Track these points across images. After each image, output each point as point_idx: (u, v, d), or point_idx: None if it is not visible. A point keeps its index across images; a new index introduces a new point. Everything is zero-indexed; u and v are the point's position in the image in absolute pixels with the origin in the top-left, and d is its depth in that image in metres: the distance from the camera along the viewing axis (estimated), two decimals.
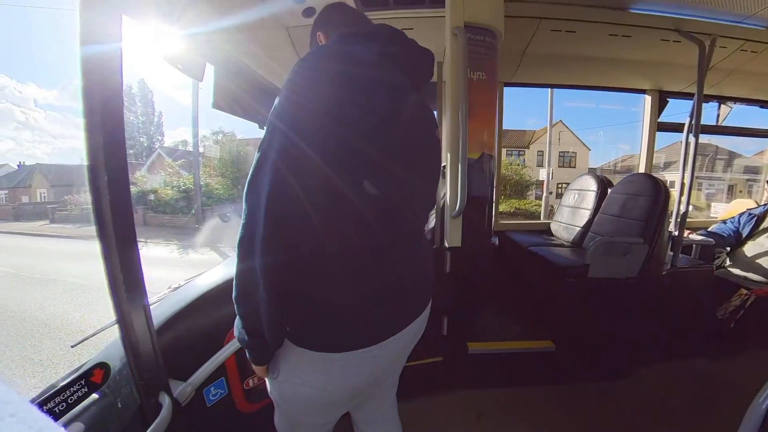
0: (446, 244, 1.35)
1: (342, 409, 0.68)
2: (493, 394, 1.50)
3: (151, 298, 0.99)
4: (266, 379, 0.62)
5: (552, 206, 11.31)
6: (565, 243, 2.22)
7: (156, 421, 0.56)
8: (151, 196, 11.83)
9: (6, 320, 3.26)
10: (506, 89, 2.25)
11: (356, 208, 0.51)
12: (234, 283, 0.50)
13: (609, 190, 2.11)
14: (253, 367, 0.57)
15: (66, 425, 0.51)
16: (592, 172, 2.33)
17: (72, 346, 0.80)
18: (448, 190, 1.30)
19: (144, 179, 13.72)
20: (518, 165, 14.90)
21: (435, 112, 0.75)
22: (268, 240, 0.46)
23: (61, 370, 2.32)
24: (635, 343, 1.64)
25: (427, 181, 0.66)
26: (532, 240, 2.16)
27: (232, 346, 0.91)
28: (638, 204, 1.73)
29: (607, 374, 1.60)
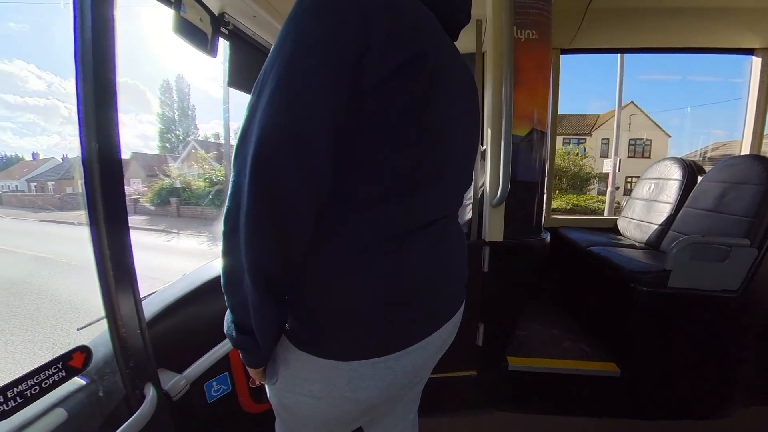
0: (485, 238, 1.24)
1: (350, 425, 0.61)
2: (535, 421, 1.37)
3: (156, 288, 1.02)
4: (264, 384, 0.58)
5: (618, 203, 10.37)
6: (636, 243, 1.97)
7: (136, 413, 0.55)
8: (184, 187, 12.85)
9: (44, 303, 3.73)
10: (563, 58, 2.03)
11: (371, 176, 0.44)
12: (221, 268, 0.45)
13: (699, 178, 1.82)
14: (249, 370, 0.53)
15: (48, 410, 0.52)
16: (674, 157, 2.03)
17: (78, 329, 0.84)
18: (488, 174, 1.18)
19: (178, 171, 14.95)
20: (577, 154, 13.82)
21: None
22: (254, 214, 0.39)
23: None
24: (733, 377, 1.39)
25: (464, 150, 0.58)
26: (593, 239, 1.94)
27: None
28: (742, 195, 1.45)
29: (689, 412, 1.38)
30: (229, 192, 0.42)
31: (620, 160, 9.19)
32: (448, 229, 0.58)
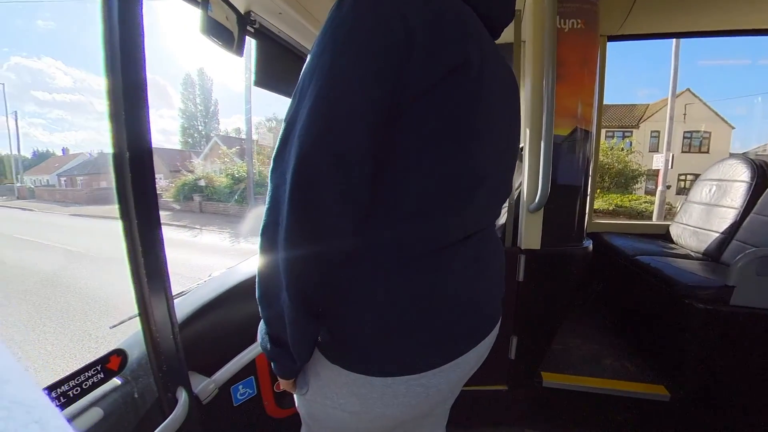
0: (520, 245, 1.21)
1: None
2: None
3: (189, 287, 1.08)
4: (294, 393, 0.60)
5: (669, 204, 9.75)
6: (692, 253, 1.85)
7: (169, 418, 0.58)
8: (206, 184, 13.41)
9: (72, 296, 4.03)
10: (610, 45, 1.93)
11: (412, 186, 0.45)
12: (257, 280, 0.47)
13: None
14: (279, 380, 0.55)
15: (86, 409, 0.56)
16: (740, 155, 1.88)
17: (111, 327, 0.90)
18: (526, 177, 1.15)
19: (201, 167, 15.63)
20: (622, 149, 13.12)
21: None
22: (293, 229, 0.40)
23: (113, 347, 2.73)
24: None
25: (504, 157, 0.58)
26: (641, 246, 1.85)
27: None
28: None
29: None
30: (266, 206, 0.43)
31: (673, 155, 8.64)
32: (486, 242, 0.58)
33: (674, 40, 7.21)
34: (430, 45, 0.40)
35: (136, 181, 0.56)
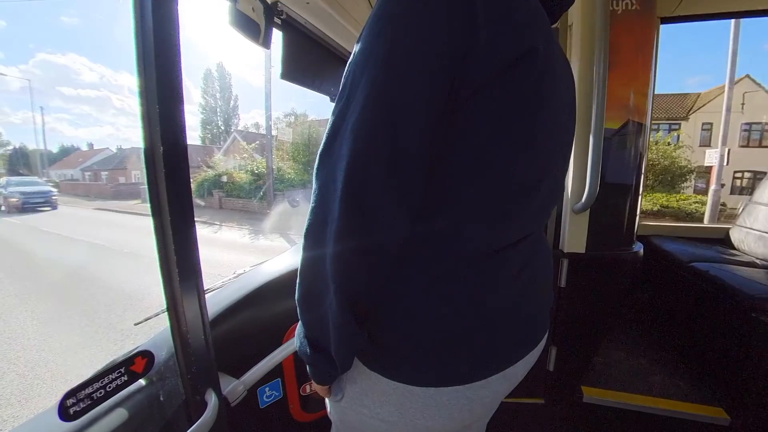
0: (563, 249, 1.16)
1: None
2: None
3: (214, 284, 1.11)
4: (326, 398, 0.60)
5: (724, 205, 9.16)
6: (757, 261, 1.73)
7: (198, 421, 0.59)
8: (226, 179, 13.83)
9: (97, 289, 4.24)
10: (663, 28, 1.82)
11: (466, 186, 0.44)
12: (298, 281, 0.47)
13: None
14: (314, 385, 0.55)
15: (109, 410, 0.58)
16: None
17: (135, 324, 0.93)
18: (571, 174, 1.11)
19: (221, 163, 16.13)
20: (668, 144, 12.44)
21: None
22: (345, 228, 0.39)
23: (137, 341, 2.89)
24: None
25: (562, 155, 0.56)
26: (697, 252, 1.74)
27: (291, 345, 0.94)
28: None
29: None
30: (312, 204, 0.42)
31: (729, 150, 8.10)
32: (536, 247, 0.56)
33: (733, 20, 6.75)
34: (494, 32, 0.38)
35: (170, 178, 0.57)
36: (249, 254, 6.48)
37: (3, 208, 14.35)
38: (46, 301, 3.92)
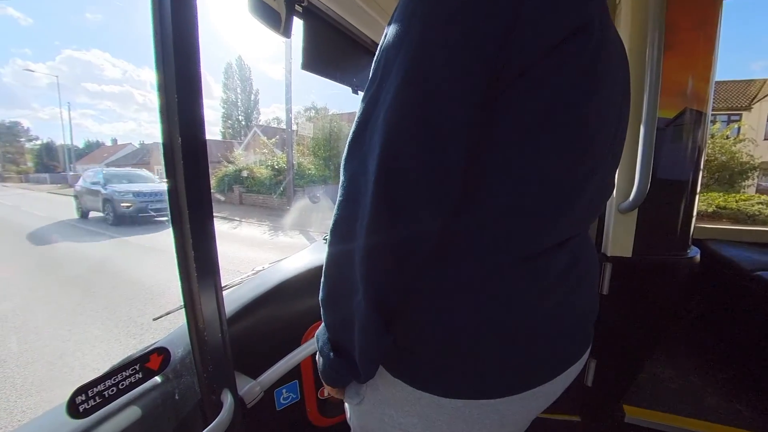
0: (606, 252, 1.10)
1: None
2: None
3: (233, 280, 1.13)
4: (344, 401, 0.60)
5: None
6: None
7: (214, 422, 0.60)
8: (246, 175, 14.24)
9: (119, 283, 4.48)
10: (726, 4, 1.69)
11: (508, 181, 0.41)
12: (322, 280, 0.46)
13: None
14: (326, 387, 0.55)
15: (123, 407, 0.59)
16: None
17: (154, 320, 0.96)
18: (617, 169, 1.05)
19: (241, 158, 16.62)
20: (726, 137, 11.68)
21: None
22: (377, 224, 0.38)
23: (157, 335, 3.02)
24: None
25: (614, 147, 0.52)
26: (762, 260, 1.61)
27: (310, 346, 0.94)
28: None
29: None
30: (339, 198, 0.41)
31: None
32: (582, 251, 0.52)
33: None
34: (540, 4, 0.35)
35: (188, 171, 0.58)
36: (269, 251, 6.64)
37: (108, 215, 9.27)
38: (69, 293, 4.18)
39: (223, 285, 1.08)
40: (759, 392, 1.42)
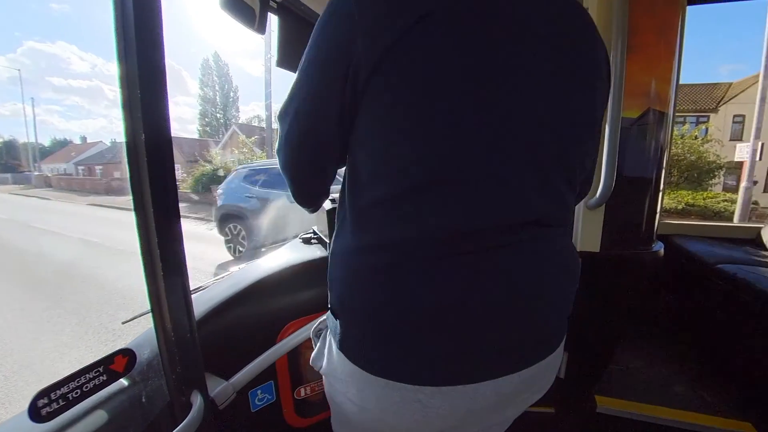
0: (576, 247, 1.15)
1: None
2: None
3: (206, 282, 1.11)
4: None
5: (756, 203, 8.99)
6: None
7: (182, 424, 0.59)
8: (224, 174, 13.93)
9: (90, 286, 4.31)
10: (690, 9, 1.78)
11: (390, 171, 0.47)
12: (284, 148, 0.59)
13: None
14: (309, 387, 0.60)
15: (88, 412, 0.58)
16: None
17: (123, 323, 0.94)
18: None
19: (219, 157, 16.25)
20: (695, 138, 12.25)
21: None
22: (281, 158, 0.58)
23: (129, 341, 2.91)
24: None
25: (541, 127, 0.48)
26: (724, 253, 1.71)
27: (285, 345, 0.94)
28: None
29: None
30: (278, 143, 0.58)
31: (762, 144, 7.94)
32: (520, 244, 0.49)
33: None
34: (371, 13, 0.42)
35: (153, 170, 0.57)
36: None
37: None
38: (35, 299, 3.99)
39: (198, 286, 1.06)
40: (721, 379, 1.50)
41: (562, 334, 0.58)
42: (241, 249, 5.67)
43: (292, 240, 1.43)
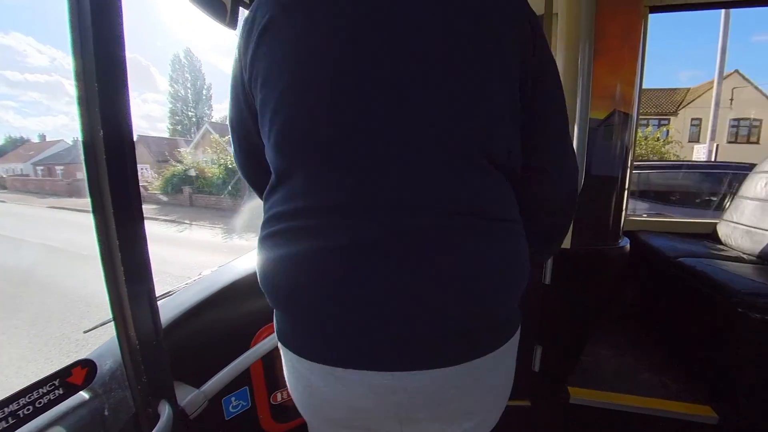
0: None
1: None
2: None
3: (176, 287, 1.07)
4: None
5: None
6: (744, 256, 1.80)
7: None
8: (197, 174, 13.52)
9: (50, 294, 4.09)
10: (652, 18, 1.87)
11: (268, 158, 0.53)
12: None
13: None
14: (287, 392, 0.59)
15: (45, 429, 0.54)
16: None
17: (85, 332, 0.89)
18: None
19: (191, 157, 15.74)
20: (658, 139, 12.92)
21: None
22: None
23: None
24: None
25: (386, 98, 0.44)
26: (684, 247, 1.80)
27: (259, 349, 0.92)
28: None
29: None
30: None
31: (717, 145, 8.46)
32: (423, 243, 0.44)
33: (723, 11, 7.03)
34: (240, 43, 0.52)
35: (113, 169, 0.55)
36: (222, 255, 6.36)
37: None
38: None
39: (167, 291, 1.02)
40: (683, 366, 1.58)
41: (467, 349, 0.48)
42: None
43: None
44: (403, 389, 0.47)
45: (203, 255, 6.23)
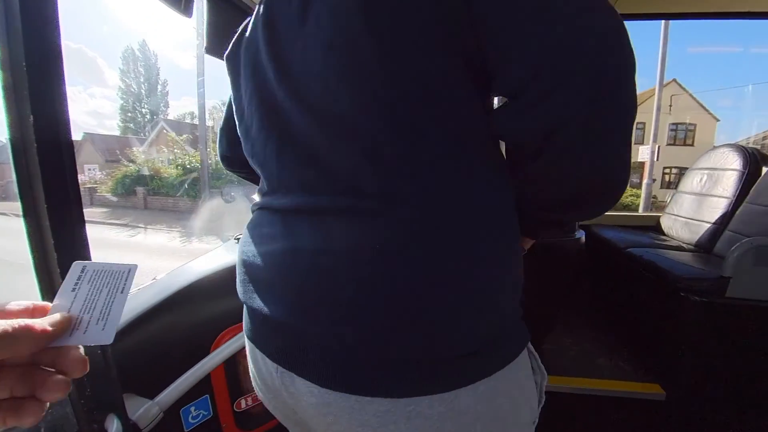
0: None
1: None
2: None
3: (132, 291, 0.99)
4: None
5: (655, 197, 10.36)
6: (684, 245, 1.96)
7: None
8: (151, 175, 12.79)
9: None
10: None
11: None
12: None
13: (765, 170, 1.79)
14: (254, 397, 0.56)
15: None
16: (733, 144, 2.01)
17: None
18: None
19: (145, 156, 14.87)
20: None
21: None
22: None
23: None
24: None
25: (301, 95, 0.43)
26: (632, 238, 1.93)
27: (220, 354, 0.88)
28: None
29: None
30: None
31: (659, 147, 9.17)
32: (329, 227, 0.41)
33: (663, 22, 7.61)
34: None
35: (47, 168, 0.50)
36: (182, 260, 6.05)
37: None
38: None
39: None
40: (633, 348, 1.69)
41: (359, 378, 0.37)
42: None
43: (227, 242, 1.33)
44: (292, 396, 0.45)
45: (161, 260, 5.90)
